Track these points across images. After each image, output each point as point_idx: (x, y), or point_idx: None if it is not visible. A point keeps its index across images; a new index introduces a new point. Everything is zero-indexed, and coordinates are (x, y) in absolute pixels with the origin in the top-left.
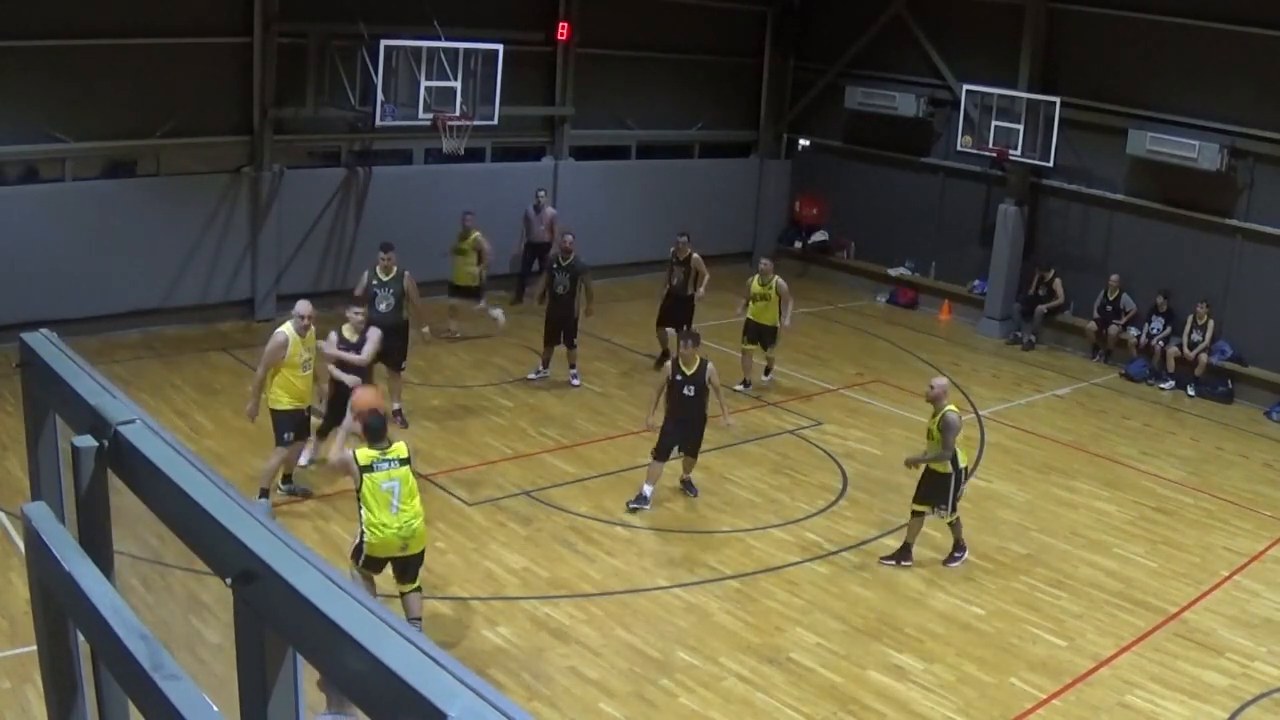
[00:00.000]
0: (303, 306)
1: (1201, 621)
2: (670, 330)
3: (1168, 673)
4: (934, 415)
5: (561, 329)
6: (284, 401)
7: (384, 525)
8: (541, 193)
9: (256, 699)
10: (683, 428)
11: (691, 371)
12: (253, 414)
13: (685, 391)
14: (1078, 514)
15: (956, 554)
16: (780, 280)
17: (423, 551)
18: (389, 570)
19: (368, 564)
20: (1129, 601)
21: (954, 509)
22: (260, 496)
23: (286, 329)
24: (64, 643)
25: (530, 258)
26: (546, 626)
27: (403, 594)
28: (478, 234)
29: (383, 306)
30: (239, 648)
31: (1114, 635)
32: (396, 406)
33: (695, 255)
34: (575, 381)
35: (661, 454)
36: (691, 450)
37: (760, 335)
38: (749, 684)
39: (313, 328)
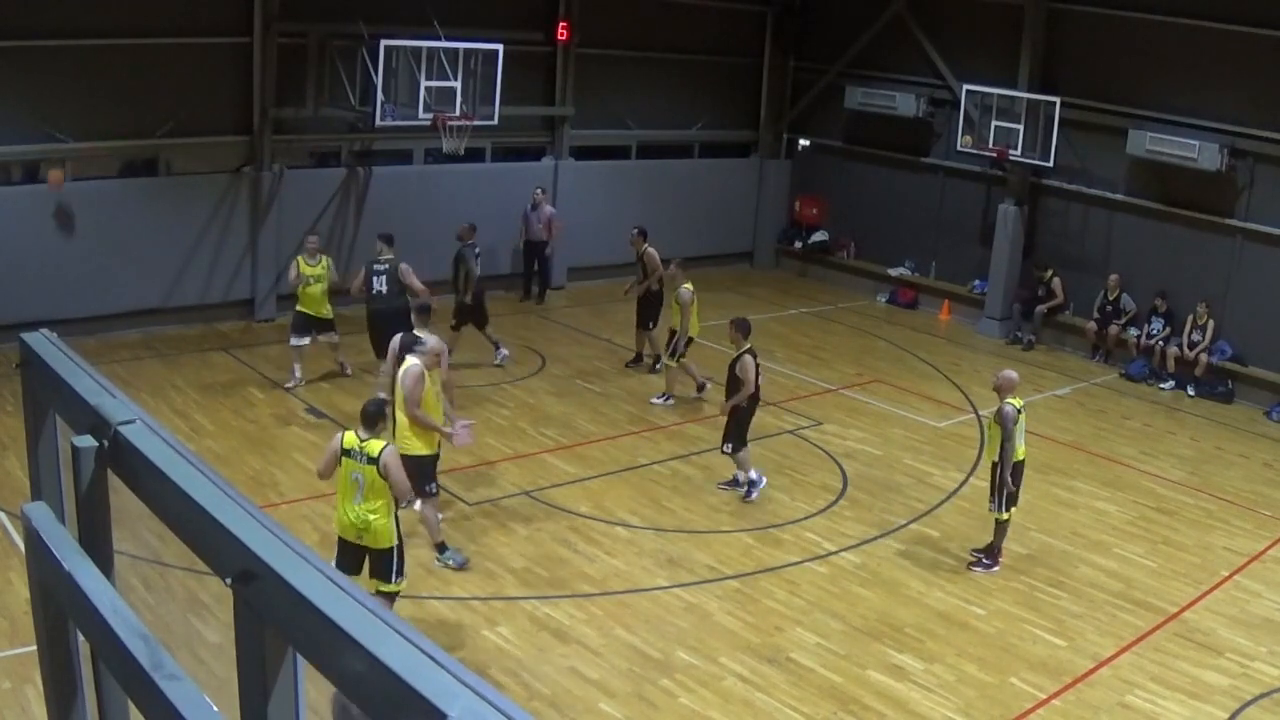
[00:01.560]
0: (434, 342)
1: (1201, 621)
2: (642, 331)
3: (1168, 673)
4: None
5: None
6: (418, 446)
7: (345, 511)
8: (539, 191)
9: (256, 699)
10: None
11: (732, 359)
12: (457, 434)
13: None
14: (1078, 514)
15: (985, 560)
16: (681, 291)
17: (387, 550)
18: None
19: (339, 548)
20: (1129, 601)
21: (1003, 507)
22: (440, 553)
23: (420, 362)
24: (64, 643)
25: (530, 256)
26: (546, 626)
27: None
28: (327, 258)
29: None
30: (239, 648)
31: (1114, 635)
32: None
33: (650, 250)
34: (500, 358)
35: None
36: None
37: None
38: (749, 684)
39: (441, 362)
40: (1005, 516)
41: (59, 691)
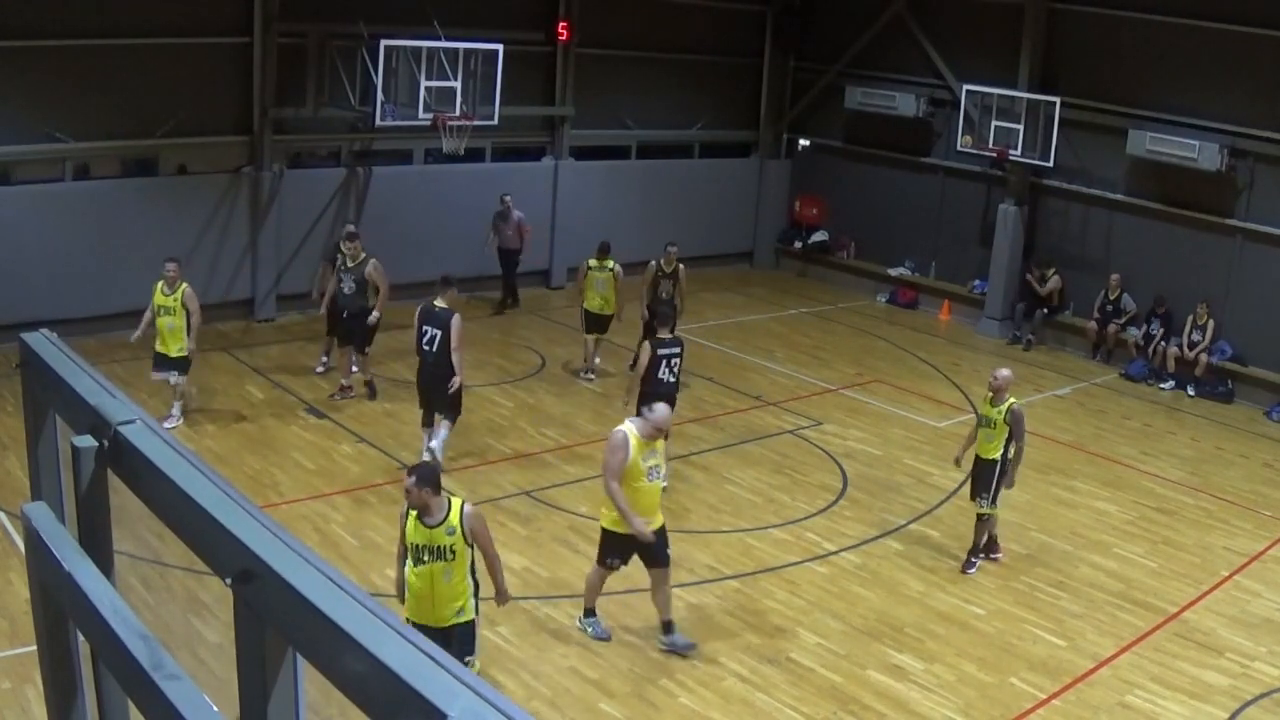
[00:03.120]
0: (661, 413)
1: (1201, 621)
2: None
3: (1168, 673)
4: (995, 406)
5: (339, 323)
6: (608, 517)
7: None
8: (507, 197)
9: (256, 699)
10: None
11: None
12: (642, 533)
13: None
14: (1078, 514)
15: (973, 559)
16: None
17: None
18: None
19: None
20: (1129, 601)
21: (995, 501)
22: (584, 616)
23: (627, 427)
24: (64, 643)
25: (504, 263)
26: (546, 627)
27: None
28: (187, 286)
29: (346, 289)
30: (239, 648)
31: (1114, 635)
32: (366, 378)
33: (682, 266)
34: (353, 370)
35: None
36: None
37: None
38: (749, 684)
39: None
40: (995, 511)
41: (59, 691)
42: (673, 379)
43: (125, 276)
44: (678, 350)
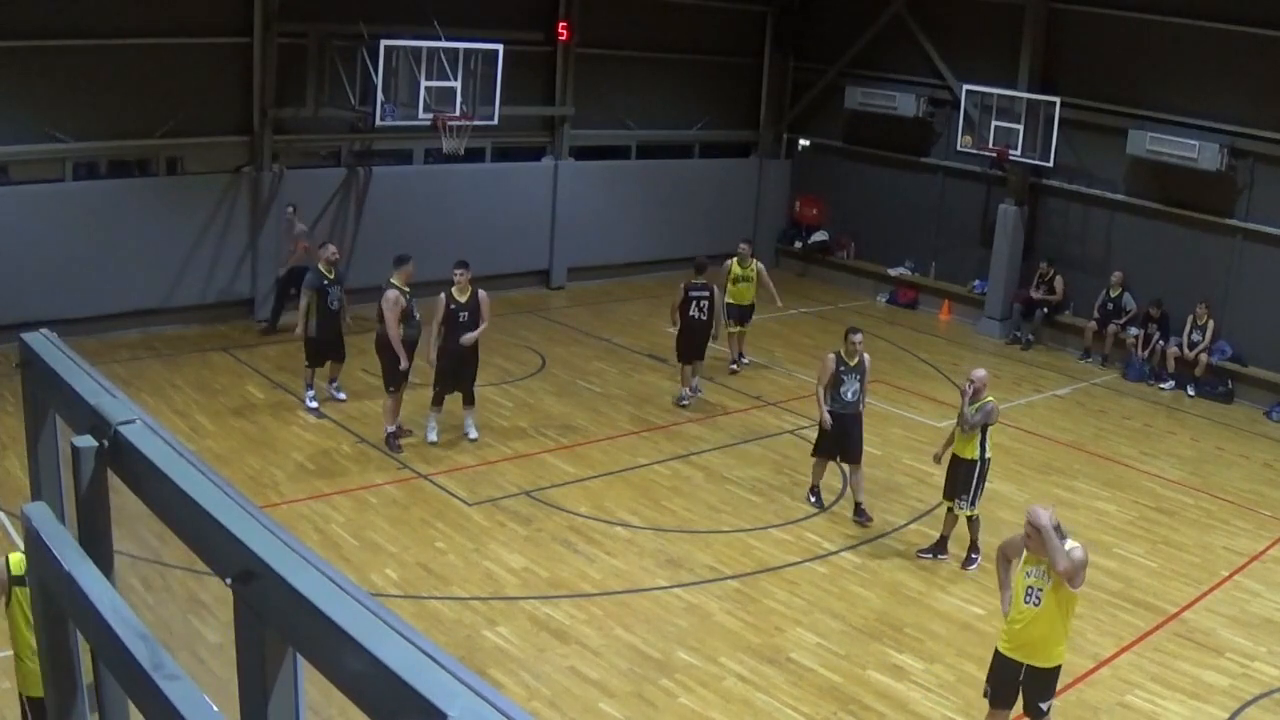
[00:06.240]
0: (1034, 517)
1: (1201, 621)
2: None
3: (1168, 673)
4: (971, 403)
5: (335, 345)
6: (999, 639)
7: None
8: (290, 209)
9: (256, 699)
10: None
11: None
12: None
13: None
14: (1078, 514)
15: (973, 555)
16: (759, 263)
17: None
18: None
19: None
20: (1129, 601)
21: (975, 504)
22: None
23: (1079, 559)
24: (64, 643)
25: (288, 281)
26: (546, 626)
27: None
28: None
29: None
30: (239, 648)
31: (1114, 635)
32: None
33: (867, 358)
34: (341, 396)
35: None
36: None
37: (742, 316)
38: (749, 684)
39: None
40: (975, 513)
41: (59, 691)
42: (703, 317)
43: (125, 276)
44: (707, 294)
